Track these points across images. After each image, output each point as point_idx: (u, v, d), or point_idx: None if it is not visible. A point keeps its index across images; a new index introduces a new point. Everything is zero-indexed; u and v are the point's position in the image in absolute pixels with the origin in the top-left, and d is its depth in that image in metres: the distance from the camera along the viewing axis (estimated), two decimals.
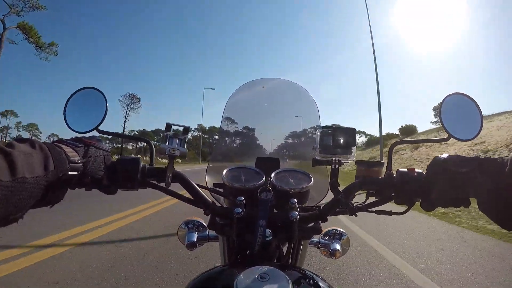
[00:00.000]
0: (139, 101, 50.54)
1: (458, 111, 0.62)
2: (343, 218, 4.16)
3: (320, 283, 0.45)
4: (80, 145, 0.51)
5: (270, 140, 0.88)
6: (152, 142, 0.66)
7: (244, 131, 0.89)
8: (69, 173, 0.46)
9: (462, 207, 0.49)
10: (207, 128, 66.49)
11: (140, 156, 0.59)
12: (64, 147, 0.47)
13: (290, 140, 0.89)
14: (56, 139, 0.52)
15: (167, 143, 0.57)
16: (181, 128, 0.59)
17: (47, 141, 0.46)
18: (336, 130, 0.62)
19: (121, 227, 3.57)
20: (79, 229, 3.33)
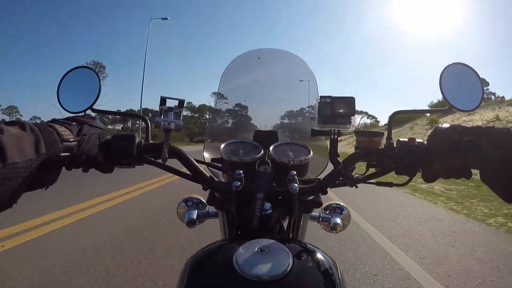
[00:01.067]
0: (105, 69, 39.75)
1: (458, 81, 0.61)
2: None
3: (320, 256, 0.45)
4: (74, 123, 0.50)
5: (268, 114, 0.86)
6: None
7: (241, 105, 0.86)
8: (62, 154, 0.45)
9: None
10: (197, 106, 64.35)
11: (136, 133, 0.57)
12: (57, 126, 0.46)
13: (288, 113, 0.87)
14: (38, 122, 0.50)
15: (161, 116, 0.56)
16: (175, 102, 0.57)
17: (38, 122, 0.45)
18: (335, 99, 0.60)
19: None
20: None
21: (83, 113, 0.60)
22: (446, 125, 0.51)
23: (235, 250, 0.41)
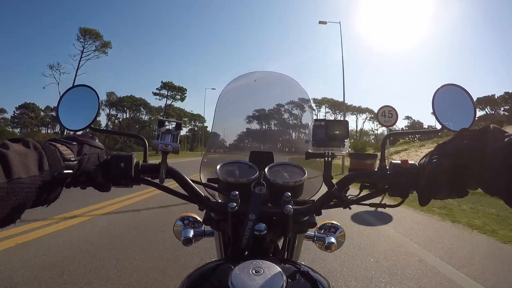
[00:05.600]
0: None
1: (451, 102, 0.62)
2: None
3: (314, 276, 0.46)
4: (74, 143, 0.51)
5: (263, 134, 0.88)
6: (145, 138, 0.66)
7: (237, 125, 0.88)
8: (64, 171, 0.45)
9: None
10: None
11: (134, 153, 0.58)
12: (58, 145, 0.47)
13: (283, 134, 0.89)
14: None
15: (159, 139, 0.57)
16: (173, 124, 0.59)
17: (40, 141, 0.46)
18: (329, 122, 0.61)
19: None
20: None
21: (82, 131, 0.62)
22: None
23: (230, 271, 0.42)
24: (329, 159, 0.61)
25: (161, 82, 51.86)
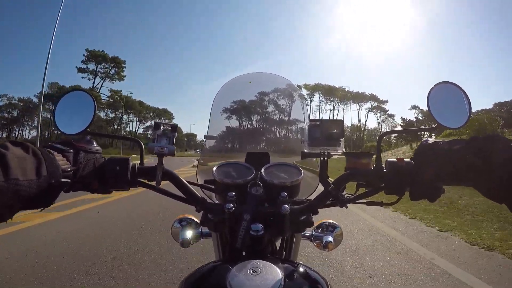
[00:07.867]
0: None
1: (446, 99, 0.63)
2: None
3: (312, 275, 0.46)
4: (71, 150, 0.51)
5: (259, 135, 0.88)
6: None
7: (233, 126, 0.88)
8: (61, 180, 0.46)
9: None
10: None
11: (130, 157, 0.59)
12: (55, 154, 0.48)
13: (279, 134, 0.89)
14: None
15: (155, 141, 0.58)
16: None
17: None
18: (324, 122, 0.62)
19: None
20: None
21: (78, 136, 0.62)
22: (431, 140, 0.53)
23: (228, 271, 0.42)
24: (325, 158, 0.61)
25: (85, 51, 37.74)
